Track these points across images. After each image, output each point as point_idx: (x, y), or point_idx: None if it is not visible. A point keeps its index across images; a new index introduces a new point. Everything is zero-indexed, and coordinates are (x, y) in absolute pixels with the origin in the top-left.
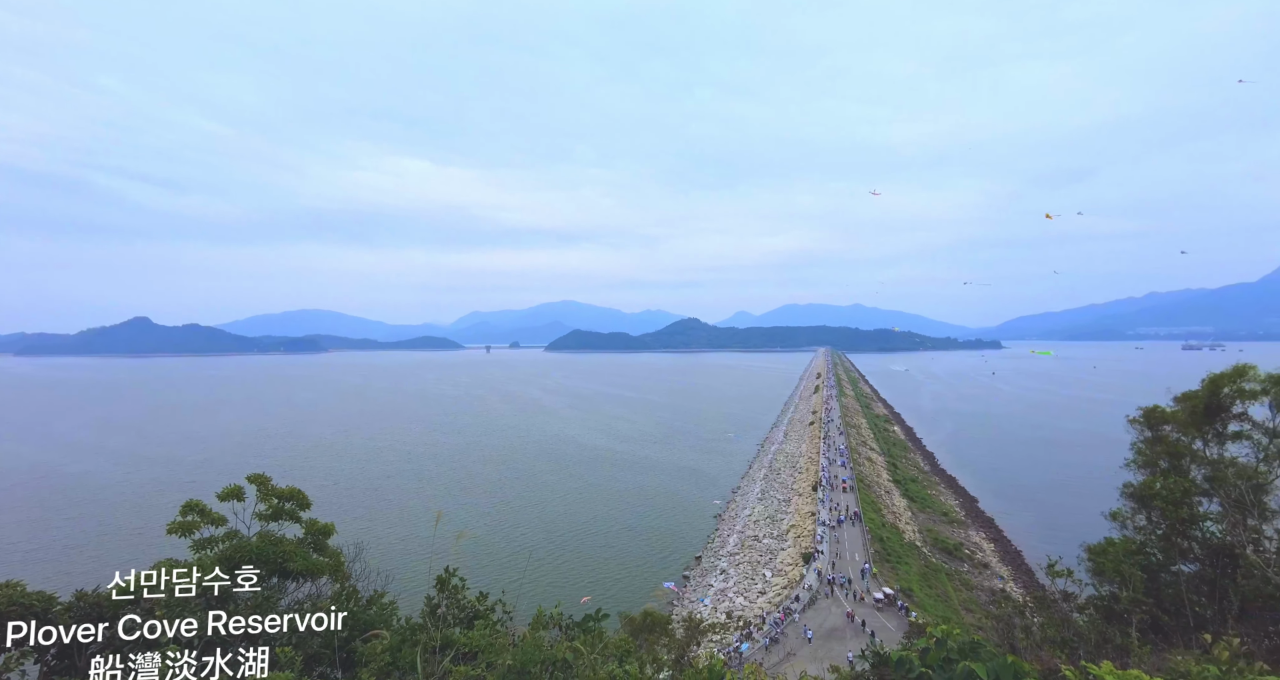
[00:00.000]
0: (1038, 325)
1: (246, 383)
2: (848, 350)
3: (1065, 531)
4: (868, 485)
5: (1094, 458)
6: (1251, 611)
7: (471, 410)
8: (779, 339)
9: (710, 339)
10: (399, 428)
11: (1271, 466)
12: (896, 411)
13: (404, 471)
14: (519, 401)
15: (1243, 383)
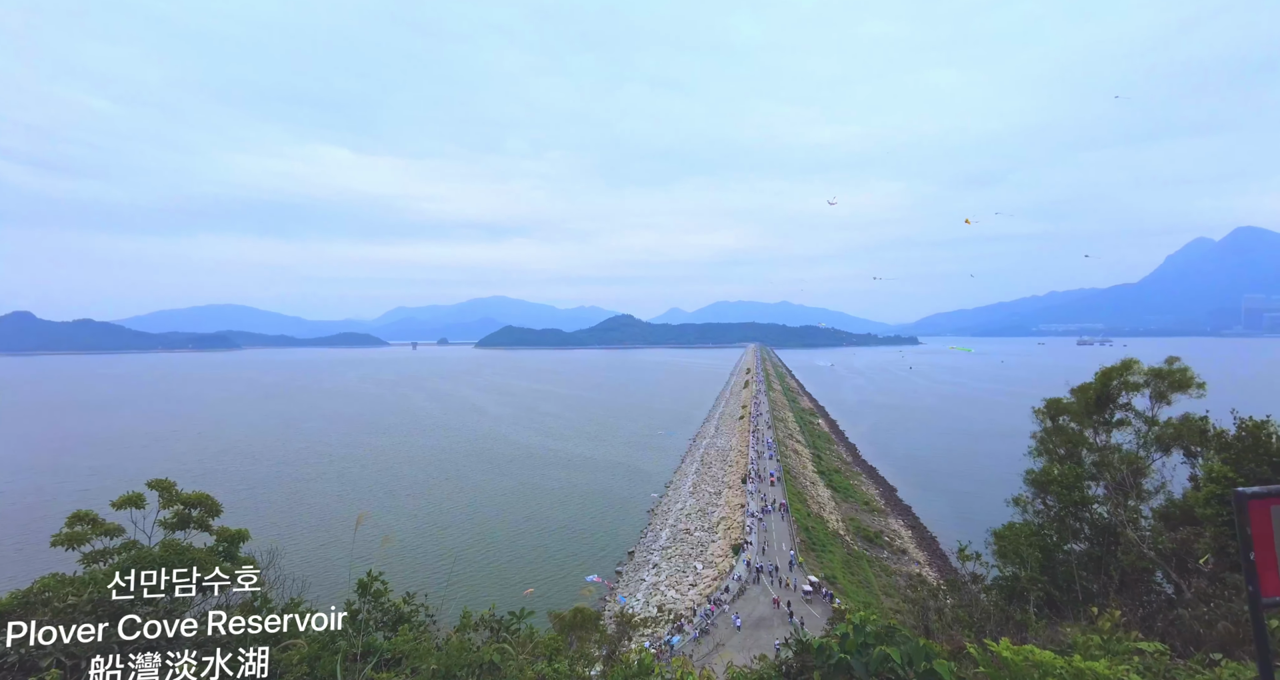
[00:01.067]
0: (952, 322)
1: (148, 382)
2: (776, 346)
3: (976, 517)
4: (794, 477)
5: (1002, 447)
6: (1130, 584)
7: (397, 409)
8: (711, 335)
9: (644, 335)
10: (319, 428)
11: (1149, 451)
12: (821, 405)
13: (325, 474)
14: (448, 400)
15: (1128, 376)
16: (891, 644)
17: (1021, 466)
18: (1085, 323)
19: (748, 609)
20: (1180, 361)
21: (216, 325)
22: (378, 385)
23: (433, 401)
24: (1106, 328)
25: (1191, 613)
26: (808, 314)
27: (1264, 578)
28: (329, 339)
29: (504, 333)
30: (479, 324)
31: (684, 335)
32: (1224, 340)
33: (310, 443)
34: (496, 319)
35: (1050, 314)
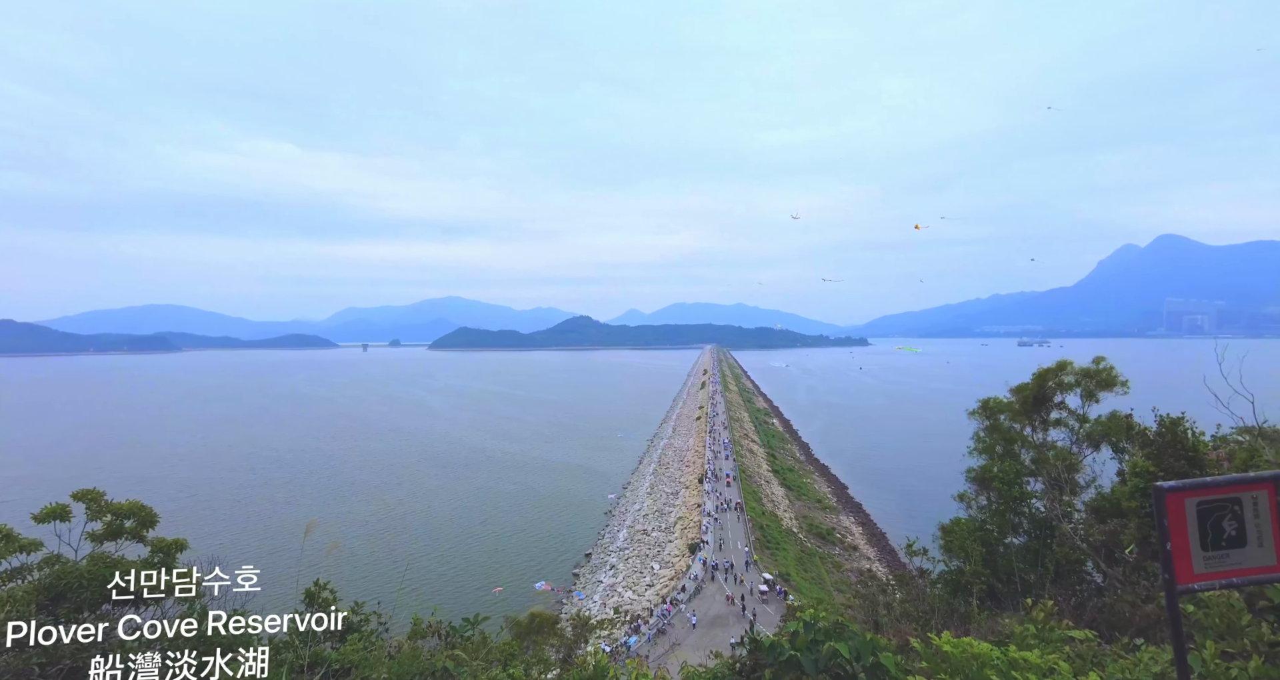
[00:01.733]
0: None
1: (76, 385)
2: (732, 347)
3: (923, 513)
4: (749, 476)
5: (948, 445)
6: (1064, 575)
7: (348, 413)
8: (669, 337)
9: (602, 337)
10: (266, 433)
11: (1081, 448)
12: (775, 405)
13: (272, 480)
14: (400, 403)
15: (1062, 376)
16: (840, 640)
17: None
18: (1025, 324)
19: (704, 607)
20: (1106, 361)
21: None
22: (327, 388)
23: (385, 404)
24: (1045, 329)
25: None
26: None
27: (1178, 565)
28: (275, 340)
29: (459, 334)
30: (433, 325)
31: (642, 337)
32: (1149, 341)
33: (256, 448)
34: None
35: (993, 316)
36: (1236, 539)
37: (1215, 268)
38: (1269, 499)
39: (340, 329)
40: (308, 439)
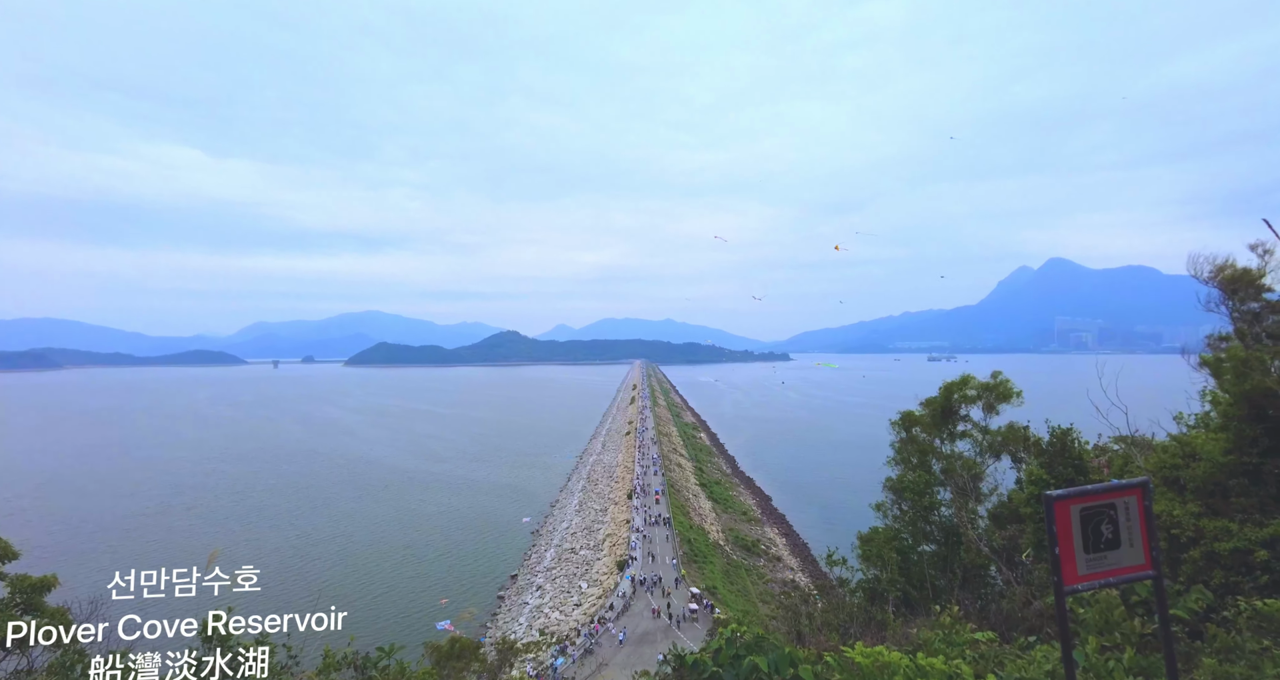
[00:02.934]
0: (820, 339)
1: None
2: (661, 362)
3: (843, 523)
4: (677, 490)
5: (865, 456)
6: (970, 579)
7: (256, 433)
8: (598, 352)
9: (530, 352)
10: (162, 457)
11: (984, 458)
12: (703, 419)
13: (170, 507)
14: (314, 422)
15: (965, 389)
16: (760, 653)
17: (883, 474)
18: (933, 340)
19: (632, 624)
20: (1003, 375)
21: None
22: (233, 407)
23: (297, 424)
24: (951, 345)
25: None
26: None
27: (1065, 568)
28: (175, 357)
29: (377, 350)
30: (350, 340)
31: (571, 352)
32: (1042, 356)
33: (152, 473)
34: (370, 335)
35: (904, 332)
36: (1112, 541)
37: (1096, 289)
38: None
39: (249, 345)
40: (211, 462)
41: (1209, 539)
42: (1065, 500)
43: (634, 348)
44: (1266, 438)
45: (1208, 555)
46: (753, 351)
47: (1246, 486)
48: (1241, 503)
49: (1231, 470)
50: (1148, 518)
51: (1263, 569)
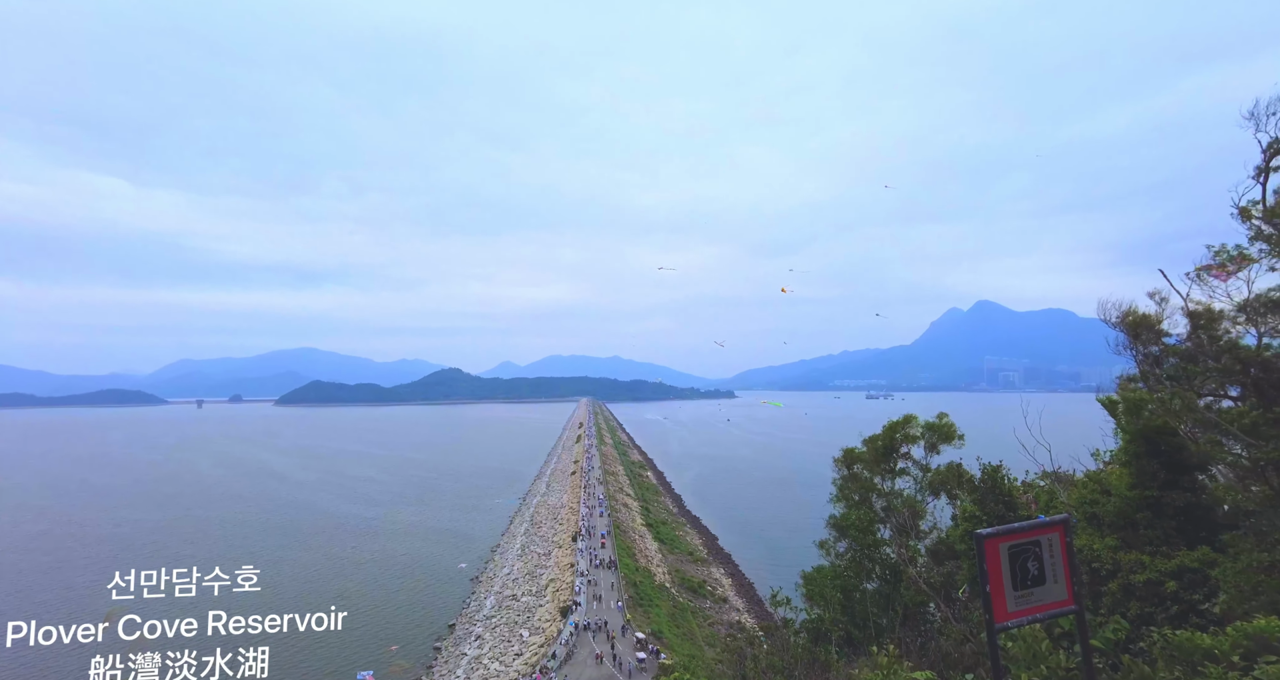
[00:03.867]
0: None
1: None
2: (608, 400)
3: (787, 561)
4: (623, 531)
5: (808, 494)
6: (911, 617)
7: (175, 478)
8: (544, 389)
9: (473, 390)
10: (63, 505)
11: (924, 495)
12: (650, 457)
13: (68, 561)
14: (240, 465)
15: (908, 429)
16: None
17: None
18: (871, 378)
19: (575, 673)
20: (948, 416)
21: None
22: (149, 450)
23: (220, 467)
24: (888, 383)
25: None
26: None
27: (996, 606)
28: (87, 397)
29: (311, 388)
30: (281, 378)
31: (516, 389)
32: (973, 395)
33: (51, 524)
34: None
35: (844, 370)
36: (1038, 578)
37: (1021, 330)
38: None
39: (170, 383)
40: (121, 510)
41: (1125, 572)
42: (995, 538)
43: (581, 385)
44: (1164, 472)
45: (1125, 587)
46: (699, 388)
47: (1151, 519)
48: (1149, 535)
49: (1138, 504)
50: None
51: (1173, 599)
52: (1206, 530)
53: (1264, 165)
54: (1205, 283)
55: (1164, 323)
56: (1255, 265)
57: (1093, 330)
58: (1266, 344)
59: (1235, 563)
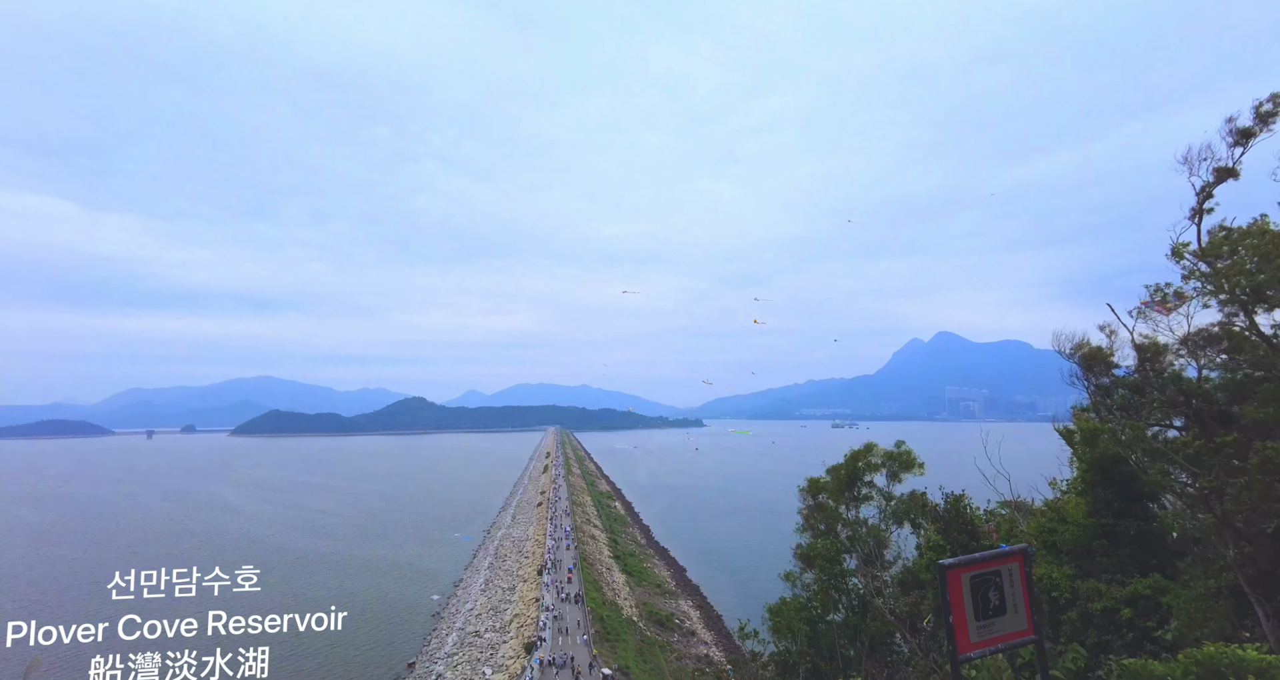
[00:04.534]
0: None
1: None
2: (576, 429)
3: (755, 593)
4: (590, 563)
5: (775, 523)
6: (878, 647)
7: (118, 513)
8: (511, 418)
9: (438, 419)
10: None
11: (888, 524)
12: (618, 487)
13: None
14: (189, 499)
15: (870, 457)
16: None
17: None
18: (836, 408)
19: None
20: (906, 444)
21: None
22: (90, 484)
23: (168, 501)
24: (853, 412)
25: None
26: (607, 397)
27: (959, 637)
28: (23, 428)
29: (268, 418)
30: (238, 408)
31: (482, 418)
32: (935, 424)
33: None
34: (261, 402)
35: (809, 400)
36: (999, 608)
37: (979, 361)
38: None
39: (119, 413)
40: (58, 548)
41: (1083, 600)
42: (957, 568)
43: (549, 414)
44: (1118, 500)
45: (1083, 615)
46: (667, 417)
47: (1107, 547)
48: (1105, 563)
49: (1094, 532)
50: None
51: (1128, 627)
52: (1158, 558)
53: (1197, 207)
54: (1149, 317)
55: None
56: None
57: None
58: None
59: (1186, 590)
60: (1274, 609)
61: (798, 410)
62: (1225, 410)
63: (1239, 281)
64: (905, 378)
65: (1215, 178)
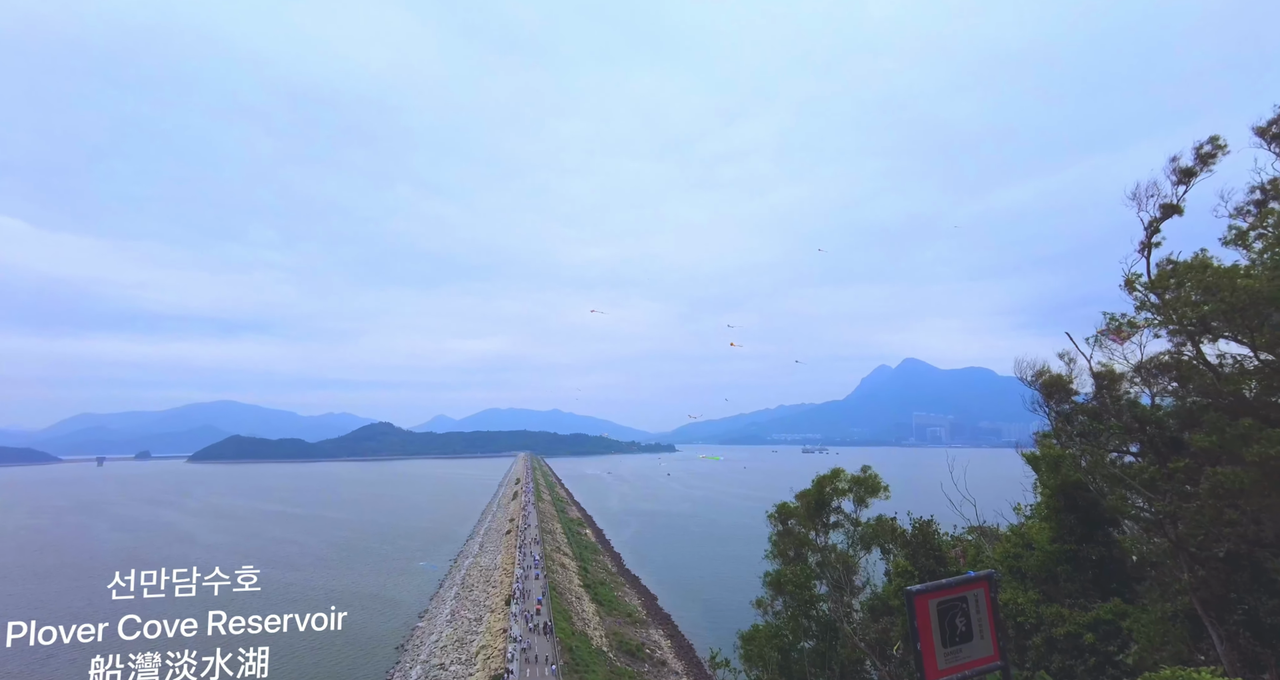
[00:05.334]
0: (704, 431)
1: None
2: (547, 454)
3: (727, 621)
4: (560, 592)
5: (746, 550)
6: (848, 675)
7: (63, 545)
8: (480, 444)
9: (405, 445)
10: None
11: (856, 550)
12: (589, 514)
13: None
14: (142, 528)
15: (837, 482)
16: None
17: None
18: (806, 433)
19: None
20: (872, 469)
21: None
22: (33, 515)
23: (119, 531)
24: (823, 437)
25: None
26: (579, 422)
27: (927, 664)
28: None
29: (229, 443)
30: (197, 433)
31: (451, 444)
32: (903, 449)
33: None
34: (222, 427)
35: (780, 425)
36: (966, 634)
37: (945, 387)
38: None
39: (68, 440)
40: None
41: (1048, 625)
42: (924, 595)
43: (519, 439)
44: (1080, 526)
45: (1048, 641)
46: (639, 442)
47: (1071, 572)
48: (1069, 588)
49: (1058, 557)
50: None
51: (1091, 651)
52: (1119, 582)
53: (1146, 241)
54: (1105, 346)
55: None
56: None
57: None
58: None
59: (1145, 614)
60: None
61: (769, 435)
62: (1177, 437)
63: (1185, 313)
64: (874, 403)
65: (1161, 213)
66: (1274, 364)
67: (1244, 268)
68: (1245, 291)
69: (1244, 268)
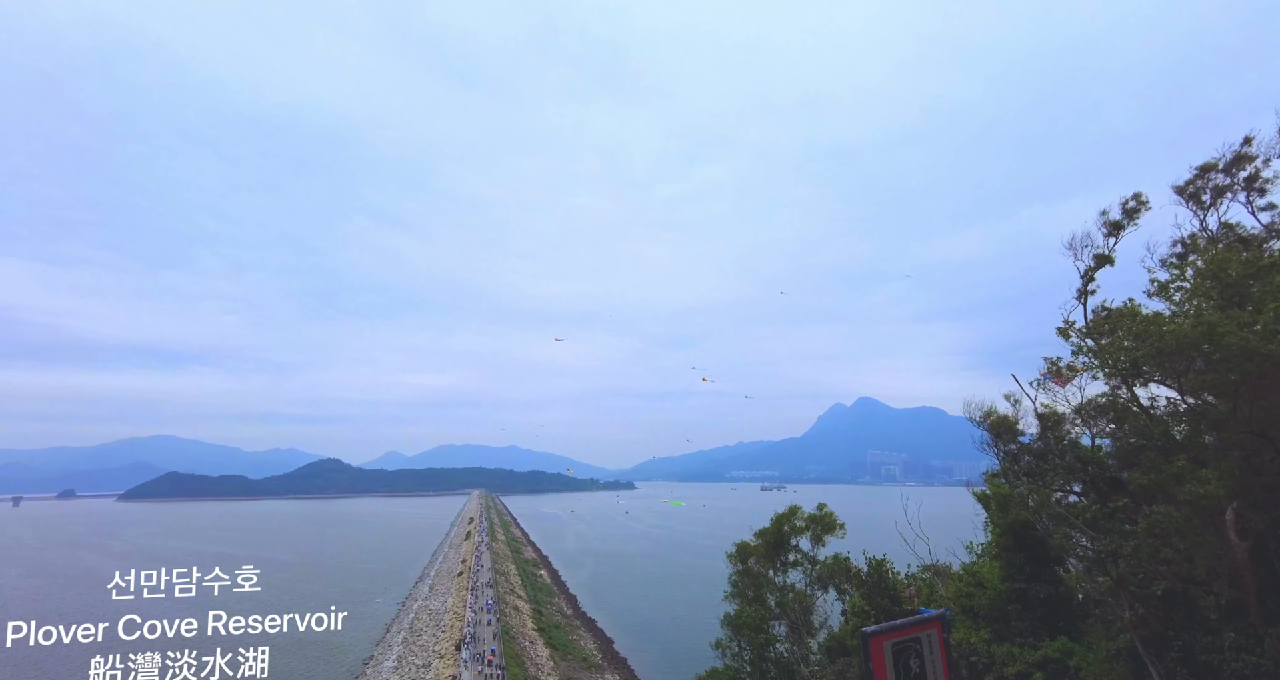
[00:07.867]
0: (663, 467)
1: None
2: (503, 492)
3: (685, 664)
4: (513, 637)
5: (703, 592)
6: None
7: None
8: (433, 481)
9: (354, 482)
10: None
11: (814, 589)
12: (544, 554)
13: None
14: (61, 574)
15: (794, 520)
16: None
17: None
18: (764, 470)
19: None
20: (828, 507)
21: None
22: None
23: (34, 577)
24: (781, 474)
25: None
26: (536, 458)
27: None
28: None
29: (165, 480)
30: (131, 470)
31: (402, 481)
32: (859, 487)
33: None
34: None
35: (738, 462)
36: (920, 676)
37: (898, 426)
38: (938, 636)
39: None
40: None
41: (999, 664)
42: (879, 636)
43: (474, 476)
44: (1029, 565)
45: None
46: (599, 480)
47: (1021, 611)
48: (1019, 626)
49: (1008, 596)
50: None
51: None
52: (1066, 620)
53: (1083, 288)
54: (1048, 388)
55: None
56: (1084, 374)
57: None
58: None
59: (1090, 652)
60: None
61: (728, 472)
62: (1117, 476)
63: (1119, 357)
64: (829, 441)
65: (1095, 263)
66: (1200, 407)
67: (1167, 316)
68: (1172, 336)
69: (1167, 316)
